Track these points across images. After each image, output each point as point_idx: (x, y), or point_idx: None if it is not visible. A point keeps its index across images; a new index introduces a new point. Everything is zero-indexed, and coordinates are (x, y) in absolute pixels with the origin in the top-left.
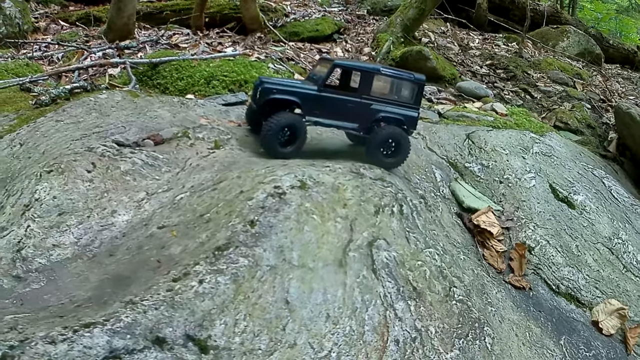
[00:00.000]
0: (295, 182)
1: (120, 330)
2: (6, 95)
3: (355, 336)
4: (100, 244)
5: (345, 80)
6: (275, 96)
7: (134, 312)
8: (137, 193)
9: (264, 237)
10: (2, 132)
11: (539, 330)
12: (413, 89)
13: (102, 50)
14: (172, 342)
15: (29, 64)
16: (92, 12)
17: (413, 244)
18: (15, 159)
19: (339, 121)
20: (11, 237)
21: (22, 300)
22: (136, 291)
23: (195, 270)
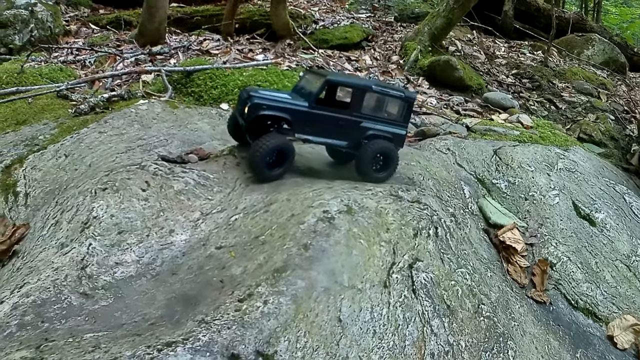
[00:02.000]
0: (342, 206)
1: (200, 349)
2: (44, 102)
3: (397, 350)
4: (162, 262)
5: (333, 95)
6: (266, 112)
7: (209, 331)
8: (192, 213)
9: (317, 261)
10: (45, 142)
11: (557, 343)
12: (402, 107)
13: (134, 56)
14: (244, 358)
15: (62, 68)
16: (122, 16)
17: (447, 264)
18: (61, 170)
19: (329, 138)
20: (74, 255)
21: (95, 317)
22: (206, 311)
23: (258, 291)
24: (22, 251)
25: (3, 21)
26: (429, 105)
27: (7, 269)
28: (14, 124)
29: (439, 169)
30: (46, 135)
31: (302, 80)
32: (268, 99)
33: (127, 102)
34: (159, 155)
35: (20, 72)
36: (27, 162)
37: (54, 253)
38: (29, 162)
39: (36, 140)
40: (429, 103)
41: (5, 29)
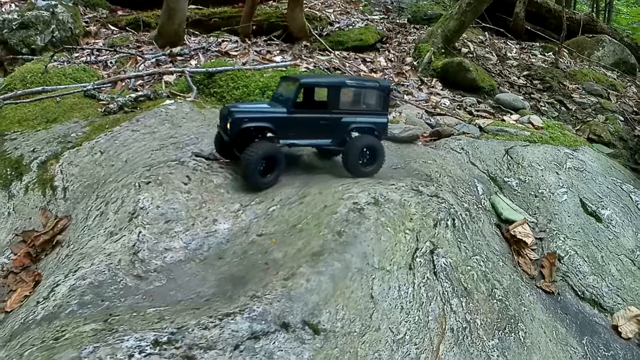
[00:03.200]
0: (369, 199)
1: (256, 318)
2: (72, 101)
3: (422, 324)
4: (208, 248)
5: (311, 97)
6: (247, 125)
7: (262, 303)
8: (232, 204)
9: (350, 245)
10: (79, 140)
11: (564, 330)
12: (379, 96)
13: (155, 57)
14: (294, 326)
15: (85, 69)
16: (141, 17)
17: (463, 252)
18: (97, 166)
19: (313, 139)
20: (125, 241)
21: (152, 296)
22: (255, 288)
23: (300, 271)
24: (65, 241)
25: (25, 22)
26: (443, 106)
27: (52, 257)
28: (44, 122)
29: (453, 167)
30: (78, 133)
31: (279, 87)
32: (247, 111)
33: (154, 102)
34: (193, 152)
35: (44, 72)
36: (63, 158)
37: (103, 241)
38: (65, 158)
39: (69, 138)
40: (442, 104)
41: (27, 29)
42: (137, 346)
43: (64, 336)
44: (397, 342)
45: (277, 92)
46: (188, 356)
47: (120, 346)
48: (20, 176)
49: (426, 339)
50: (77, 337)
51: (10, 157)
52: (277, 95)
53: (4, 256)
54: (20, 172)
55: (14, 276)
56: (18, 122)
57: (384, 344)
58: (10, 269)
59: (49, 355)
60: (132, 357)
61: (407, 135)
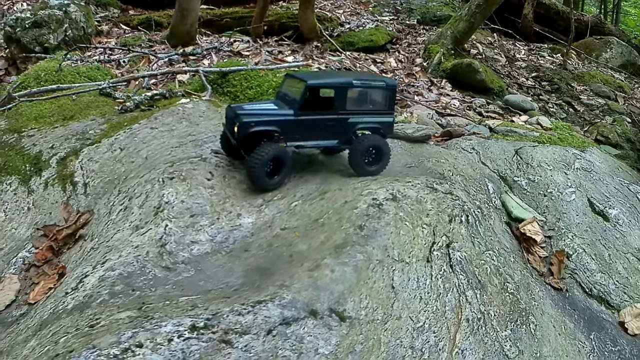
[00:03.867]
0: (387, 195)
1: (286, 305)
2: (88, 99)
3: (439, 313)
4: (234, 241)
5: (317, 97)
6: (255, 129)
7: (291, 292)
8: (255, 200)
9: (371, 239)
10: (98, 137)
11: (572, 325)
12: (385, 95)
13: (168, 56)
14: (321, 313)
15: (99, 67)
16: (152, 17)
17: (477, 246)
18: (117, 162)
19: (320, 140)
20: (152, 234)
21: (182, 286)
22: (282, 278)
23: (325, 262)
24: (88, 235)
25: (38, 21)
26: (453, 107)
27: (74, 251)
28: (61, 119)
29: (465, 166)
30: (96, 130)
31: (283, 85)
32: (255, 114)
33: (170, 101)
34: (212, 150)
35: (58, 70)
36: (82, 154)
37: (129, 234)
38: (85, 155)
39: (87, 135)
40: (452, 105)
41: (40, 28)
42: (176, 331)
43: (99, 323)
44: (417, 329)
45: (282, 91)
46: (224, 340)
47: (159, 331)
48: (39, 172)
49: (444, 328)
50: (114, 324)
51: (29, 153)
52: (282, 94)
53: (25, 250)
54: (39, 168)
55: (36, 269)
56: (35, 119)
57: (405, 331)
58: (32, 262)
59: (86, 341)
60: (172, 341)
61: (419, 135)
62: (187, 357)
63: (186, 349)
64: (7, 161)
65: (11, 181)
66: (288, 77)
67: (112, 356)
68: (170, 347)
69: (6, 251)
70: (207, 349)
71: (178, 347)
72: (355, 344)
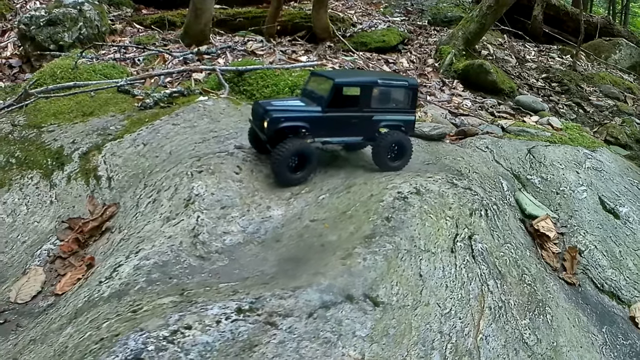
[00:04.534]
0: (412, 189)
1: (324, 290)
2: (106, 96)
3: (464, 301)
4: (265, 232)
5: (340, 93)
6: (284, 124)
7: (327, 278)
8: (283, 193)
9: (399, 230)
10: (120, 132)
11: (585, 318)
12: (408, 95)
13: (183, 55)
14: (357, 298)
15: (114, 65)
16: (166, 16)
17: (496, 239)
18: (141, 157)
19: (345, 137)
20: (184, 225)
21: (218, 274)
22: (317, 266)
23: (356, 251)
24: (115, 227)
25: (53, 19)
26: (465, 107)
27: (101, 242)
28: (80, 115)
29: (480, 164)
30: (117, 126)
31: (309, 83)
32: (284, 110)
33: (188, 98)
34: (235, 146)
35: (74, 67)
36: (105, 149)
37: (160, 225)
38: (108, 150)
39: (108, 130)
40: (464, 105)
41: (54, 26)
42: (223, 313)
43: (141, 308)
44: (444, 315)
45: (307, 89)
46: (269, 322)
47: (206, 313)
48: (61, 166)
49: (468, 315)
50: (158, 309)
51: (50, 148)
52: (308, 91)
53: (49, 242)
54: (61, 162)
55: (61, 261)
56: (53, 115)
57: (433, 317)
58: (58, 254)
59: (131, 325)
60: (220, 322)
61: (436, 133)
62: (236, 337)
63: (234, 330)
64: (27, 156)
65: (32, 175)
66: (313, 75)
67: (161, 338)
68: (219, 328)
69: (29, 244)
70: (254, 330)
71: (227, 329)
72: (388, 328)
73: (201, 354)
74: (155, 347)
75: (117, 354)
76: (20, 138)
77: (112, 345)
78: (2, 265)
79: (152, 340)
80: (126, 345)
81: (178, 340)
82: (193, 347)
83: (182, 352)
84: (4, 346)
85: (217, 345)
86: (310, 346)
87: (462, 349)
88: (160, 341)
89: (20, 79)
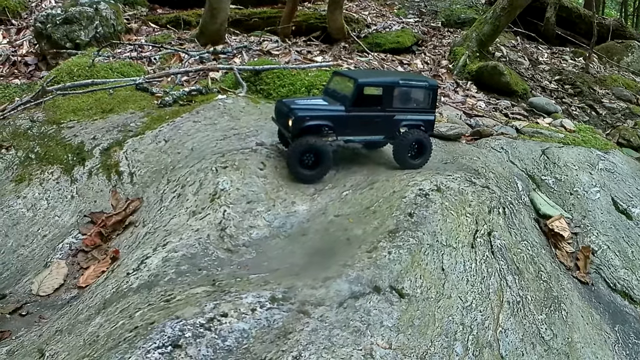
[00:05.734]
0: (432, 186)
1: (353, 281)
2: (125, 93)
3: (484, 294)
4: (291, 226)
5: (362, 92)
6: (310, 123)
7: (355, 270)
8: (307, 189)
9: (421, 225)
10: (141, 129)
11: (598, 317)
12: (428, 95)
13: (199, 54)
14: (383, 289)
15: (131, 63)
16: (181, 16)
17: (514, 236)
18: (163, 153)
19: (368, 135)
20: (211, 219)
21: (247, 266)
22: (344, 259)
23: (381, 245)
24: (139, 221)
25: (69, 18)
26: (479, 109)
27: (125, 236)
28: (100, 112)
29: (495, 164)
30: (137, 123)
31: (331, 82)
32: (309, 109)
33: (206, 97)
34: (256, 143)
35: (91, 65)
36: (126, 145)
37: (187, 219)
38: (129, 145)
39: (129, 127)
40: (478, 106)
41: (70, 25)
42: (257, 302)
43: (174, 298)
44: (465, 308)
45: (330, 88)
46: (302, 310)
47: (241, 302)
48: (82, 162)
49: (488, 308)
50: (191, 298)
51: (71, 143)
52: (330, 91)
53: (71, 236)
54: (82, 158)
55: (84, 254)
56: (72, 111)
57: (455, 309)
58: (80, 248)
59: (166, 313)
60: (255, 310)
61: (453, 133)
62: (271, 324)
63: (270, 317)
64: (47, 151)
65: (53, 170)
66: (336, 74)
67: (198, 325)
68: (254, 316)
69: (50, 237)
70: (288, 318)
71: (262, 316)
72: (414, 319)
73: (238, 340)
74: (193, 334)
75: (155, 341)
76: (40, 134)
77: (148, 332)
78: (23, 259)
79: (189, 327)
80: (163, 332)
81: (215, 328)
82: (230, 334)
83: (220, 339)
84: (28, 337)
85: (253, 332)
86: (341, 334)
87: (482, 341)
88: (197, 328)
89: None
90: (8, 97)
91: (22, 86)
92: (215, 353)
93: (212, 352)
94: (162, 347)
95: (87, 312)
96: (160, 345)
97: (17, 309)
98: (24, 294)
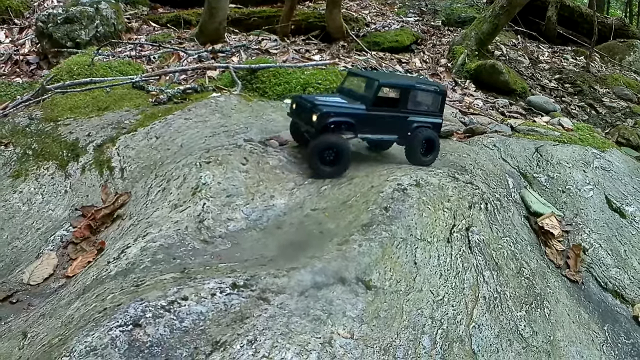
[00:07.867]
0: (412, 181)
1: (317, 272)
2: (121, 91)
3: (458, 289)
4: (267, 219)
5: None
6: (334, 119)
7: (321, 262)
8: (287, 183)
9: (396, 219)
10: (134, 126)
11: (587, 315)
12: (437, 99)
13: (198, 53)
14: (349, 281)
15: (130, 62)
16: (181, 15)
17: (495, 232)
18: (153, 150)
19: (384, 134)
20: (190, 212)
21: (219, 256)
22: (314, 251)
23: (352, 238)
24: (126, 214)
25: (70, 17)
26: (476, 107)
27: (112, 229)
28: (96, 110)
29: (486, 162)
30: (131, 120)
31: (346, 82)
32: (332, 106)
33: (201, 95)
34: (244, 140)
35: (90, 64)
36: (119, 142)
37: (169, 212)
38: (121, 142)
39: (122, 124)
40: (475, 105)
41: (71, 24)
42: (218, 287)
43: (144, 283)
44: (436, 302)
45: (345, 87)
46: (262, 297)
47: (203, 287)
48: (76, 157)
49: (462, 303)
50: (159, 283)
51: (66, 140)
52: (346, 90)
53: (62, 229)
54: (76, 154)
55: (73, 246)
56: (70, 109)
57: (425, 303)
58: (70, 240)
59: (132, 296)
60: (214, 295)
61: (444, 131)
62: (228, 309)
63: (228, 302)
64: (44, 147)
65: (48, 166)
66: (351, 74)
67: (159, 307)
68: (213, 300)
69: (43, 230)
70: (246, 304)
71: (220, 301)
72: (379, 311)
73: (194, 322)
74: (153, 315)
75: (118, 320)
76: (37, 131)
77: (114, 312)
78: (17, 251)
79: (151, 308)
80: (126, 312)
81: (174, 310)
82: (188, 316)
83: (177, 320)
84: (16, 322)
85: (210, 315)
86: (300, 322)
87: (453, 335)
88: (158, 310)
89: (37, 75)
90: (10, 96)
91: (23, 85)
92: (172, 333)
93: (169, 331)
94: (123, 326)
95: (68, 297)
96: (122, 324)
97: (8, 297)
98: (15, 283)
